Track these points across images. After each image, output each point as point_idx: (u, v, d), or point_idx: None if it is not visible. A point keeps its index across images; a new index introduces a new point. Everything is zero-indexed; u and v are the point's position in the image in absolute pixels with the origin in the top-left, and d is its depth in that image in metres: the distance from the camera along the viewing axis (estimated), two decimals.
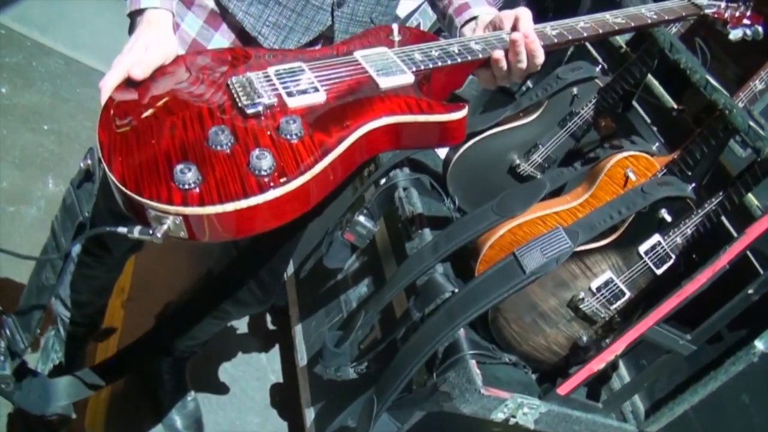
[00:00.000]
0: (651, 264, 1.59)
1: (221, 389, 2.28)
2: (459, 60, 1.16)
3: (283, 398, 2.36)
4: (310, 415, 2.15)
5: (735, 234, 1.65)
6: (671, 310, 1.49)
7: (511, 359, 1.69)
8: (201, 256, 2.22)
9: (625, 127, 2.05)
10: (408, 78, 1.11)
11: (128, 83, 1.09)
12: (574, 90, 1.94)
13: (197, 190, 0.90)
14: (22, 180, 2.37)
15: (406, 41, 1.23)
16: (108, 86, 1.08)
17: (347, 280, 2.22)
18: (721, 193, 1.55)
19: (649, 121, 2.12)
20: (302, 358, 2.27)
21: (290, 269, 2.45)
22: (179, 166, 0.91)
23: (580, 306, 1.62)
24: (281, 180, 0.91)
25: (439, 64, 1.15)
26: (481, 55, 1.17)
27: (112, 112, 1.05)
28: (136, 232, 0.93)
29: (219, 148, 0.95)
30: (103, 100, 1.07)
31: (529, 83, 2.53)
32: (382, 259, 2.10)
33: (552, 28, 1.25)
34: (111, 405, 2.05)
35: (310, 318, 2.33)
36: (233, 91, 1.05)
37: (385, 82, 1.10)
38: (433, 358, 1.61)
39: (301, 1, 1.25)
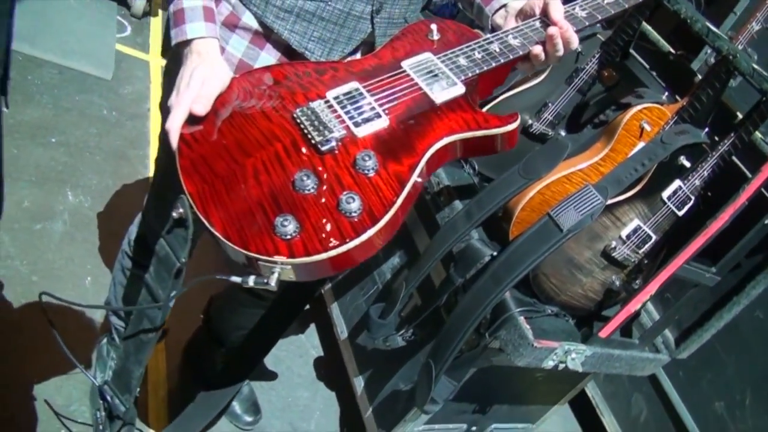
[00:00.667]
0: (673, 207, 1.75)
1: (269, 371, 2.43)
2: (502, 60, 1.27)
3: (329, 371, 2.51)
4: (359, 383, 2.31)
5: (746, 170, 1.82)
6: (699, 249, 1.66)
7: (553, 311, 1.85)
8: None
9: (626, 76, 2.18)
10: (459, 89, 1.23)
11: (193, 121, 1.17)
12: (579, 47, 2.06)
13: (299, 238, 1.01)
14: (42, 197, 2.46)
15: (446, 39, 1.33)
16: (175, 127, 1.15)
17: (377, 254, 2.35)
18: (732, 134, 1.70)
19: (648, 66, 2.26)
20: (342, 331, 2.42)
21: None
22: (279, 219, 1.02)
23: (613, 254, 1.77)
24: (371, 221, 1.04)
25: (485, 68, 1.26)
26: (521, 52, 1.29)
27: (190, 157, 1.13)
28: (251, 281, 1.05)
29: (306, 191, 1.06)
30: (174, 142, 1.14)
31: None
32: (412, 231, 2.23)
33: (581, 8, 1.36)
34: (171, 401, 2.18)
35: (344, 293, 2.47)
36: (302, 125, 1.14)
37: (439, 98, 1.21)
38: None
39: (343, 13, 1.35)
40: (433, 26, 1.33)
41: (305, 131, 1.14)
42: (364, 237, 1.02)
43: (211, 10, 1.26)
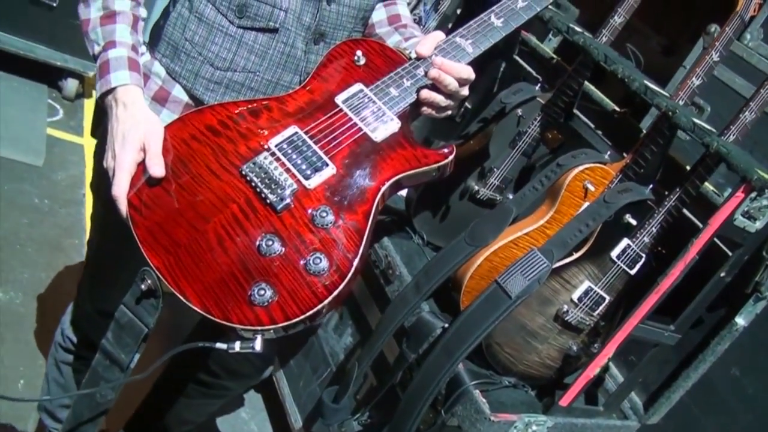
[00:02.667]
0: (624, 266, 1.82)
1: None
2: (417, 95, 1.35)
3: None
4: None
5: (697, 222, 1.90)
6: (652, 307, 1.72)
7: (510, 381, 1.88)
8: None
9: (572, 136, 2.29)
10: (396, 125, 1.32)
11: (139, 184, 1.22)
12: (519, 111, 2.17)
13: (276, 304, 1.12)
14: None
15: (373, 65, 1.38)
16: (122, 192, 1.20)
17: (329, 333, 2.38)
18: (677, 189, 1.78)
19: (593, 126, 2.37)
20: (296, 420, 2.41)
21: None
22: (254, 288, 1.13)
23: (566, 318, 1.83)
24: (340, 278, 1.16)
25: (416, 97, 1.34)
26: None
27: (145, 226, 1.19)
28: (237, 347, 1.14)
29: (273, 255, 1.16)
30: (124, 209, 1.20)
31: (467, 104, 2.76)
32: (362, 306, 2.27)
33: (462, 37, 1.40)
34: None
35: (296, 378, 2.47)
36: (252, 183, 1.22)
37: (379, 136, 1.30)
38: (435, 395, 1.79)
39: (271, 83, 1.42)
40: (359, 51, 1.38)
41: (257, 189, 1.22)
42: (336, 293, 1.15)
43: (135, 62, 1.31)
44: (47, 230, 2.85)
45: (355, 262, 1.18)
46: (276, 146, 1.27)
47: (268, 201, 1.21)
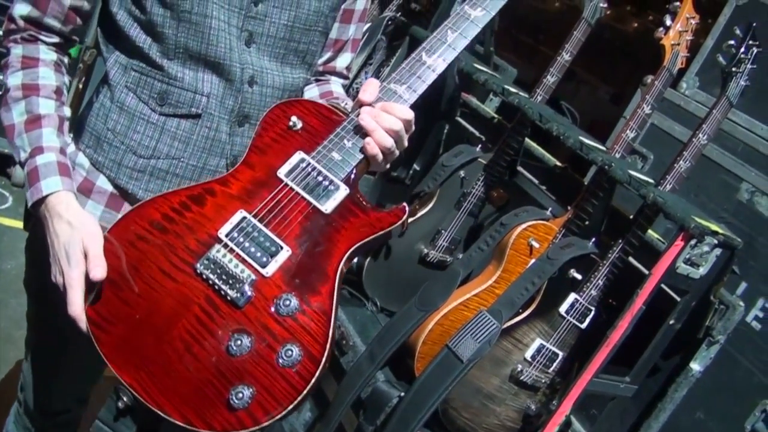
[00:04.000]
0: (574, 321, 1.79)
1: None
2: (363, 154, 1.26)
3: None
4: None
5: (645, 271, 1.88)
6: (604, 361, 1.69)
7: None
8: None
9: (517, 194, 2.29)
10: (344, 191, 1.23)
11: (94, 297, 1.16)
12: (461, 173, 2.17)
13: (256, 402, 1.08)
14: None
15: (310, 128, 1.31)
16: (78, 310, 1.14)
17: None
18: (620, 241, 1.77)
19: (537, 182, 2.38)
20: None
21: None
22: (231, 392, 1.08)
23: (521, 378, 1.79)
24: (314, 364, 1.10)
25: (359, 158, 1.25)
26: None
27: (111, 343, 1.13)
28: None
29: (244, 353, 1.11)
30: (84, 327, 1.14)
31: (416, 166, 2.76)
32: (323, 383, 2.21)
33: (396, 82, 1.29)
34: None
35: None
36: (209, 281, 1.15)
37: (329, 207, 1.22)
38: None
39: (197, 168, 1.38)
40: (293, 117, 1.31)
41: (215, 287, 1.16)
42: (313, 381, 1.10)
43: (65, 165, 1.26)
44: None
45: (327, 346, 1.13)
46: (227, 236, 1.20)
47: (228, 298, 1.15)
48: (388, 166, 1.31)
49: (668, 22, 1.85)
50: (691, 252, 1.64)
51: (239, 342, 1.12)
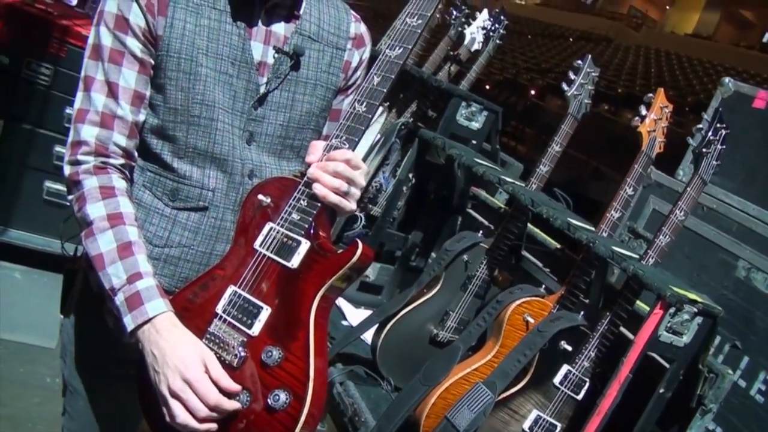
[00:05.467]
0: (569, 392, 1.74)
1: None
2: (319, 202, 1.29)
3: None
4: None
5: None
6: (597, 429, 1.62)
7: None
8: None
9: (522, 276, 2.27)
10: (306, 244, 1.27)
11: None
12: (465, 257, 2.17)
13: None
14: None
15: (275, 200, 1.34)
16: (222, 401, 1.21)
17: None
18: (608, 313, 1.74)
19: (540, 265, 2.36)
20: None
21: None
22: None
23: None
24: (300, 403, 1.18)
25: (314, 212, 1.29)
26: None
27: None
28: None
29: (246, 406, 1.22)
30: (232, 406, 1.23)
31: (433, 255, 2.78)
32: None
33: (336, 138, 1.32)
34: None
35: None
36: (213, 352, 1.26)
37: (294, 261, 1.27)
38: None
39: (205, 254, 1.42)
40: (260, 195, 1.36)
41: (218, 356, 1.25)
42: (302, 418, 1.18)
43: (162, 288, 1.28)
44: (56, 408, 2.75)
45: (310, 384, 1.19)
46: (222, 311, 1.28)
47: (227, 362, 1.24)
48: (355, 208, 1.33)
49: (643, 112, 1.87)
50: (672, 320, 1.59)
51: (238, 398, 1.23)
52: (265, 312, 1.26)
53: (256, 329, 1.25)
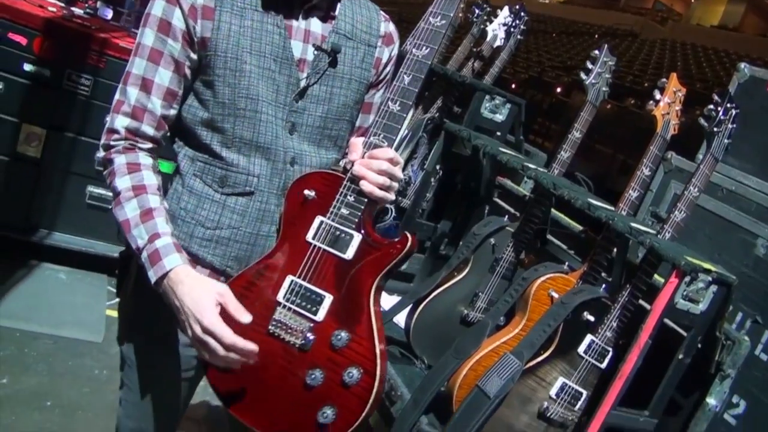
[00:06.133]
0: (593, 361, 1.86)
1: None
2: (366, 198, 1.45)
3: None
4: None
5: None
6: (619, 393, 1.74)
7: None
8: None
9: (547, 259, 2.39)
10: (357, 237, 1.44)
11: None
12: (492, 240, 2.30)
13: (340, 417, 1.40)
14: None
15: (321, 194, 1.49)
16: (231, 338, 1.36)
17: None
18: (628, 285, 1.86)
19: (565, 247, 2.49)
20: None
21: None
22: (319, 415, 1.40)
23: (548, 414, 1.86)
24: (371, 377, 1.40)
25: (362, 207, 1.44)
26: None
27: (228, 390, 1.48)
28: None
29: (320, 383, 1.42)
30: (250, 346, 1.38)
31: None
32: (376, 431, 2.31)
33: (374, 136, 1.46)
34: None
35: None
36: (281, 338, 1.44)
37: (349, 253, 1.44)
38: None
39: (252, 235, 1.57)
40: (305, 190, 1.49)
41: (286, 340, 1.43)
42: (374, 391, 1.40)
43: (179, 245, 1.45)
44: (105, 396, 2.97)
45: (378, 361, 1.40)
46: (284, 299, 1.45)
47: (297, 346, 1.43)
48: (393, 197, 1.49)
49: (657, 96, 1.99)
50: (688, 289, 1.71)
51: (313, 375, 1.41)
52: (328, 299, 1.43)
53: (321, 315, 1.43)
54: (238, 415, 1.49)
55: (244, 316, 1.38)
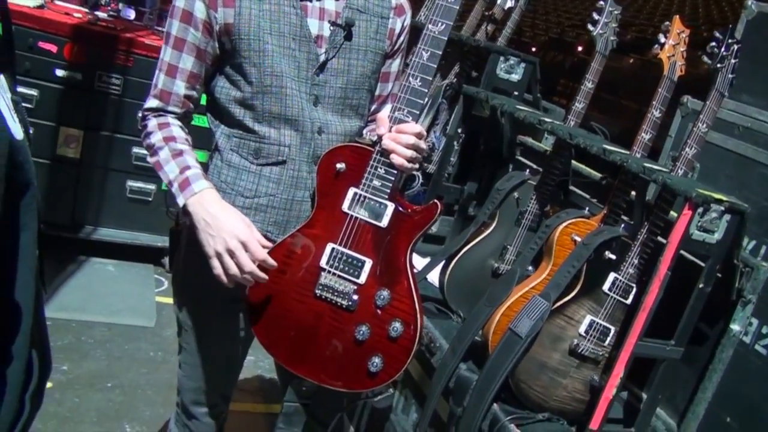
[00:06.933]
0: (618, 297, 1.97)
1: None
2: (396, 170, 1.58)
3: None
4: None
5: None
6: (644, 323, 1.85)
7: (544, 416, 2.01)
8: None
9: (570, 207, 2.49)
10: (391, 206, 1.59)
11: (256, 307, 1.64)
12: (516, 194, 2.41)
13: (387, 364, 1.61)
14: None
15: (352, 166, 1.62)
16: (262, 254, 1.56)
17: (399, 416, 2.55)
18: (646, 222, 1.97)
19: (588, 196, 2.59)
20: None
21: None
22: (369, 363, 1.60)
23: (579, 350, 1.97)
24: (414, 329, 1.60)
25: (392, 179, 1.58)
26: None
27: (280, 350, 1.68)
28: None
29: (368, 337, 1.61)
30: (271, 261, 1.58)
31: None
32: (420, 384, 2.45)
33: (398, 111, 1.58)
34: None
35: None
36: (328, 299, 1.62)
37: (384, 221, 1.59)
38: None
39: (288, 201, 1.70)
40: (336, 163, 1.63)
41: (333, 302, 1.62)
42: (417, 338, 1.60)
43: (206, 175, 1.65)
44: (162, 375, 3.16)
45: (417, 315, 1.60)
46: (327, 264, 1.61)
47: (344, 306, 1.61)
48: (418, 166, 1.62)
49: (662, 39, 2.08)
50: (702, 220, 1.80)
51: (361, 331, 1.59)
52: (368, 264, 1.60)
53: (363, 278, 1.60)
54: (294, 370, 1.67)
55: (264, 245, 1.58)
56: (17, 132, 0.77)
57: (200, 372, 1.87)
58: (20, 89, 3.53)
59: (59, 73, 3.72)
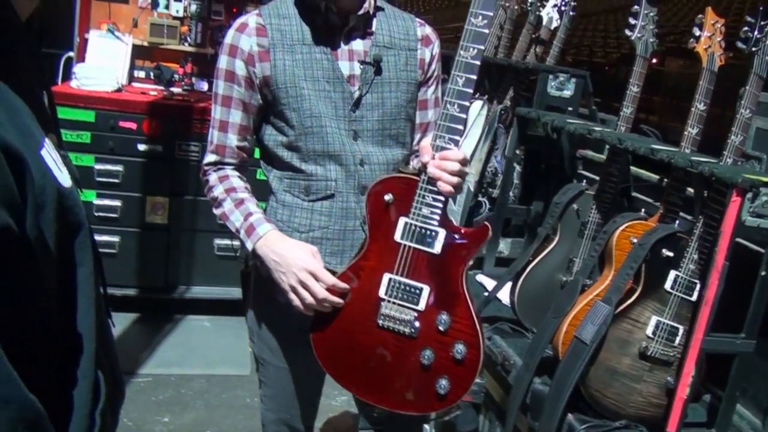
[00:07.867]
0: (682, 294, 1.97)
1: None
2: (443, 196, 1.65)
3: None
4: None
5: None
6: (709, 317, 1.84)
7: (621, 423, 2.00)
8: None
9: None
10: (442, 233, 1.66)
11: (322, 341, 1.75)
12: (574, 206, 2.44)
13: (454, 385, 1.68)
14: None
15: (400, 197, 1.69)
16: (331, 280, 1.68)
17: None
18: (700, 216, 1.96)
19: (651, 200, 2.59)
20: None
21: None
22: (436, 386, 1.67)
23: (648, 353, 1.97)
24: (476, 350, 1.67)
25: (440, 206, 1.65)
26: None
27: (357, 384, 1.77)
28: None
29: (433, 360, 1.67)
30: (343, 285, 1.70)
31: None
32: (502, 405, 2.48)
33: (440, 138, 1.65)
34: None
35: None
36: (390, 329, 1.69)
37: (436, 248, 1.67)
38: None
39: (340, 231, 1.81)
40: (384, 196, 1.70)
41: (396, 331, 1.69)
42: (480, 360, 1.67)
43: (269, 219, 1.78)
44: (259, 421, 3.30)
45: (479, 335, 1.67)
46: (386, 295, 1.69)
47: (407, 334, 1.68)
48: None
49: (697, 33, 2.09)
50: (753, 205, 1.80)
51: (426, 355, 1.67)
52: (426, 291, 1.67)
53: (423, 305, 1.67)
54: (365, 398, 1.77)
55: (342, 286, 1.69)
56: (64, 180, 0.88)
57: (279, 403, 1.98)
58: (107, 166, 3.87)
59: (141, 147, 4.00)
